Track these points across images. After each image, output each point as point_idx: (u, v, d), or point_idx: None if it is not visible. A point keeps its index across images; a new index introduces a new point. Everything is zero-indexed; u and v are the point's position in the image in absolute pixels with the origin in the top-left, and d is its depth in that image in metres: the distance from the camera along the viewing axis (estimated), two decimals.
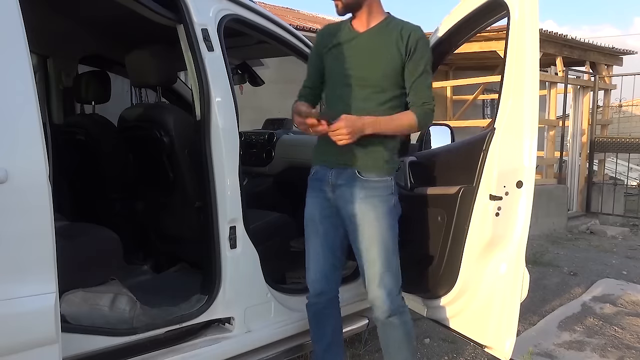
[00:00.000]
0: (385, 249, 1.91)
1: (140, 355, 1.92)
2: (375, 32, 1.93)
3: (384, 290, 1.92)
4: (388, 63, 1.90)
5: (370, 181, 1.92)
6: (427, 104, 1.92)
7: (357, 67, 1.92)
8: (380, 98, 1.91)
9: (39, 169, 1.44)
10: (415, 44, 1.88)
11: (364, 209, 1.91)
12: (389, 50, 1.89)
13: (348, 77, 1.93)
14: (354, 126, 1.80)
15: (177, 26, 2.05)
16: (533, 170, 1.91)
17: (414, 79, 1.91)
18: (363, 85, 1.91)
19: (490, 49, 6.60)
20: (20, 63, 1.44)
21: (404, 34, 1.89)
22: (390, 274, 1.93)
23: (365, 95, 1.91)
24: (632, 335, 3.09)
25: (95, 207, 2.77)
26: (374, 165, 1.93)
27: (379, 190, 1.92)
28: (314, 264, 2.05)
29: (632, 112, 13.08)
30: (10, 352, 1.43)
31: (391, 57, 1.89)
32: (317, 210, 2.03)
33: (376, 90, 1.91)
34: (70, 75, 2.99)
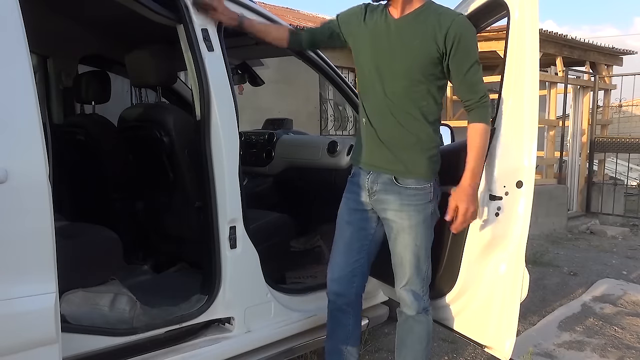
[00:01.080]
0: (416, 256, 1.90)
1: (140, 355, 1.92)
2: (411, 20, 1.81)
3: (409, 293, 1.94)
4: (423, 55, 1.78)
5: (408, 188, 1.87)
6: (483, 98, 1.82)
7: (390, 57, 1.82)
8: (416, 91, 1.82)
9: (39, 169, 1.44)
10: (457, 39, 1.75)
11: (401, 217, 1.88)
12: (424, 42, 1.77)
13: (380, 67, 1.84)
14: (468, 201, 1.81)
15: (177, 26, 2.05)
16: (533, 170, 1.91)
17: (462, 76, 1.81)
18: (397, 77, 1.82)
19: (490, 49, 6.59)
20: (20, 63, 1.44)
21: (443, 25, 1.75)
22: (418, 279, 1.94)
23: (402, 87, 1.82)
24: (632, 335, 3.09)
25: (95, 207, 2.77)
26: (411, 171, 1.87)
27: (416, 198, 1.87)
28: (334, 264, 2.03)
29: (632, 112, 13.08)
30: (10, 352, 1.43)
31: (426, 49, 1.77)
32: (347, 213, 2.00)
33: (411, 83, 1.82)
34: (70, 75, 2.99)
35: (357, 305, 2.08)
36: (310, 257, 3.04)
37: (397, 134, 1.85)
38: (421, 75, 1.80)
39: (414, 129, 1.84)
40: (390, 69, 1.83)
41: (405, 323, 2.02)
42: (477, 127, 1.83)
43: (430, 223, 1.91)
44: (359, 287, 2.05)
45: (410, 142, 1.85)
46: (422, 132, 1.86)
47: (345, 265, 2.01)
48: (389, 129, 1.86)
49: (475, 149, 1.83)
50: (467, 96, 1.83)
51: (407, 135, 1.84)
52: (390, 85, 1.83)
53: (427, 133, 1.86)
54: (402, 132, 1.84)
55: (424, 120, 1.84)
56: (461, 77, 1.81)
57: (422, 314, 1.98)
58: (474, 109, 1.83)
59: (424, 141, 1.86)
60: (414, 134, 1.84)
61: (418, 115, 1.84)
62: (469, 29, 1.80)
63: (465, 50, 1.77)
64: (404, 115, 1.84)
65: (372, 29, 1.87)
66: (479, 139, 1.83)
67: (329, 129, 8.73)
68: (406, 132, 1.84)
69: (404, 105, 1.83)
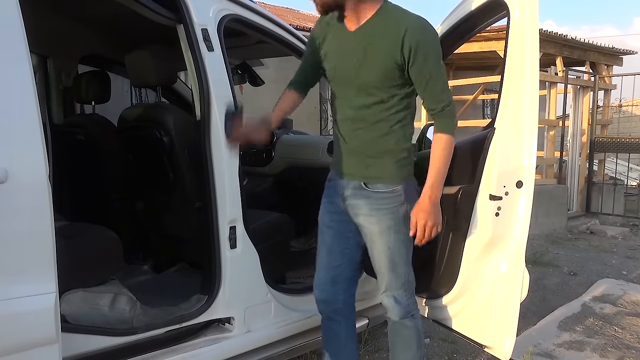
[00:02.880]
0: (391, 260, 1.86)
1: (140, 355, 1.92)
2: (368, 31, 1.74)
3: (390, 298, 1.91)
4: (384, 67, 1.72)
5: (377, 192, 1.83)
6: (446, 107, 1.77)
7: (353, 71, 1.77)
8: (382, 101, 1.78)
9: (39, 169, 1.44)
10: (415, 46, 1.66)
11: (370, 222, 1.86)
12: (383, 52, 1.71)
13: (347, 80, 1.82)
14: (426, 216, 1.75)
15: (177, 26, 2.05)
16: (533, 170, 1.91)
17: (423, 85, 1.75)
18: (363, 89, 1.78)
19: (490, 49, 6.60)
20: (20, 63, 1.44)
21: (399, 34, 1.67)
22: (398, 283, 1.89)
23: (368, 100, 1.78)
24: (632, 335, 3.09)
25: (95, 207, 2.77)
26: (380, 175, 1.83)
27: (385, 202, 1.83)
28: (317, 270, 2.01)
29: (632, 112, 13.08)
30: (10, 352, 1.43)
31: (386, 60, 1.71)
32: (326, 217, 1.98)
33: (375, 94, 1.77)
34: (70, 75, 2.99)
35: (346, 312, 2.02)
36: (310, 257, 3.03)
37: (365, 143, 1.82)
38: (385, 86, 1.76)
39: (382, 138, 1.80)
40: (354, 82, 1.79)
41: (392, 329, 2.00)
42: (439, 138, 1.79)
43: (405, 226, 1.83)
44: (345, 293, 1.99)
45: (379, 150, 1.82)
46: (391, 139, 1.81)
47: (327, 271, 1.98)
48: (358, 139, 1.84)
49: (437, 161, 1.77)
50: (430, 105, 1.79)
51: (375, 144, 1.81)
52: (355, 97, 1.80)
53: (396, 139, 1.81)
54: (369, 142, 1.81)
55: (392, 127, 1.80)
56: (423, 86, 1.75)
57: (407, 318, 1.94)
58: (436, 119, 1.80)
59: (392, 148, 1.82)
60: (382, 142, 1.81)
61: (386, 124, 1.79)
62: (427, 34, 1.72)
63: (424, 58, 1.69)
64: (371, 125, 1.80)
65: (333, 44, 1.84)
66: (440, 150, 1.77)
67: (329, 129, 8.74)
68: (374, 141, 1.81)
69: (371, 116, 1.79)
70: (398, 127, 1.81)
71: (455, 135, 1.81)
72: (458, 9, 2.17)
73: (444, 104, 1.77)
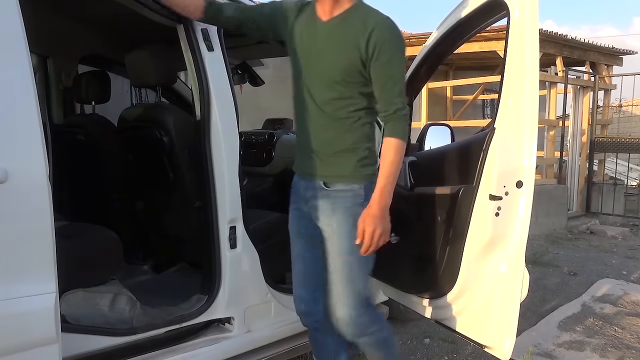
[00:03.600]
0: (348, 265, 1.75)
1: (140, 355, 1.92)
2: (338, 24, 1.71)
3: (346, 311, 1.78)
4: (348, 61, 1.68)
5: (337, 191, 1.77)
6: (400, 111, 1.71)
7: (317, 63, 1.74)
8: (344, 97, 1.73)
9: (39, 169, 1.44)
10: (380, 44, 1.64)
11: (330, 222, 1.77)
12: (349, 47, 1.67)
13: (308, 73, 1.76)
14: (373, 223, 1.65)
15: (177, 26, 2.05)
16: (533, 170, 1.91)
17: (381, 86, 1.70)
18: (326, 82, 1.73)
19: (490, 49, 6.60)
20: (20, 63, 1.44)
21: (366, 31, 1.64)
22: (354, 296, 1.76)
23: (328, 94, 1.73)
24: (632, 335, 3.09)
25: (95, 207, 2.77)
26: (340, 174, 1.76)
27: (344, 200, 1.76)
28: (295, 283, 1.94)
29: (632, 112, 13.08)
30: (10, 352, 1.43)
31: (351, 55, 1.67)
32: (295, 224, 1.91)
33: (338, 90, 1.72)
34: (70, 75, 2.99)
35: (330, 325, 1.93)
36: None
37: (326, 140, 1.77)
38: (348, 82, 1.71)
39: (343, 135, 1.76)
40: (317, 75, 1.75)
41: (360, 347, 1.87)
42: (389, 142, 1.71)
43: None
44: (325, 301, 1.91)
45: (339, 149, 1.76)
46: (352, 137, 1.76)
47: (305, 283, 1.90)
48: (318, 136, 1.78)
49: (387, 166, 1.69)
50: (383, 107, 1.73)
51: (336, 141, 1.76)
52: (318, 92, 1.75)
53: (357, 138, 1.76)
54: (330, 139, 1.76)
55: (352, 125, 1.75)
56: (380, 86, 1.70)
57: (365, 336, 1.81)
58: (388, 122, 1.73)
59: (353, 146, 1.76)
60: (343, 140, 1.76)
61: (347, 121, 1.75)
62: (394, 35, 1.68)
63: (387, 59, 1.66)
64: (332, 122, 1.75)
65: (301, 32, 1.78)
66: (391, 155, 1.70)
67: None
68: (335, 138, 1.76)
69: (333, 112, 1.74)
70: (359, 125, 1.76)
71: (405, 140, 1.74)
72: (458, 9, 2.17)
73: (397, 107, 1.71)
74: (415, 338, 2.97)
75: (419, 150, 2.58)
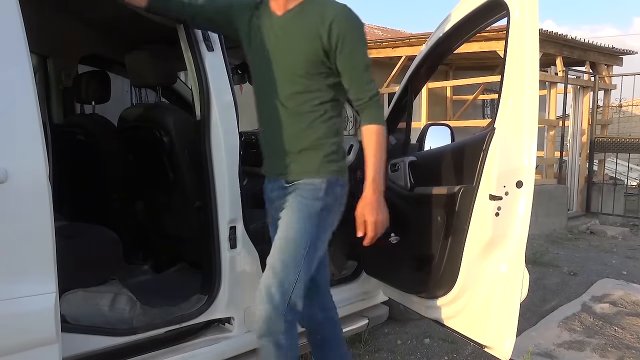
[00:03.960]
0: (279, 257, 1.65)
1: (140, 355, 1.92)
2: (294, 17, 1.67)
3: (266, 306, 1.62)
4: (309, 55, 1.64)
5: (299, 183, 1.71)
6: (374, 97, 1.69)
7: (277, 59, 1.69)
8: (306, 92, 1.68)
9: (39, 169, 1.44)
10: (342, 36, 1.60)
11: (287, 208, 1.70)
12: (308, 40, 1.63)
13: (268, 70, 1.71)
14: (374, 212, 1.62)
15: (177, 26, 2.05)
16: (533, 170, 1.91)
17: (349, 76, 1.67)
18: (289, 76, 1.68)
19: (490, 49, 6.60)
20: (20, 63, 1.44)
21: (326, 21, 1.60)
22: (280, 290, 1.61)
23: (291, 89, 1.68)
24: (632, 335, 3.09)
25: (95, 207, 2.77)
26: (303, 171, 1.71)
27: (300, 192, 1.69)
28: None
29: (632, 112, 13.09)
30: (10, 352, 1.43)
31: (311, 48, 1.63)
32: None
33: (300, 85, 1.67)
34: (70, 75, 2.99)
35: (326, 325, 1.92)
36: None
37: (290, 138, 1.71)
38: (310, 76, 1.67)
39: (306, 131, 1.70)
40: (278, 70, 1.70)
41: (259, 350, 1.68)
42: (370, 129, 1.69)
43: (316, 223, 1.68)
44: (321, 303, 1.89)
45: (304, 145, 1.70)
46: (316, 132, 1.70)
47: None
48: (282, 134, 1.72)
49: (373, 154, 1.66)
50: (357, 96, 1.70)
51: (301, 138, 1.70)
52: (280, 87, 1.70)
53: (322, 133, 1.70)
54: (295, 136, 1.70)
55: (317, 120, 1.70)
56: (349, 77, 1.67)
57: (267, 337, 1.63)
58: (365, 109, 1.70)
59: (318, 142, 1.70)
60: (307, 136, 1.70)
61: (311, 116, 1.69)
62: (354, 23, 1.64)
63: (351, 48, 1.63)
64: (296, 117, 1.70)
65: (258, 28, 1.74)
66: (374, 142, 1.67)
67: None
68: (299, 135, 1.70)
69: (296, 107, 1.69)
70: (324, 119, 1.70)
71: (384, 125, 1.72)
72: (458, 9, 2.17)
73: (371, 94, 1.69)
74: (415, 338, 2.97)
75: (419, 150, 2.58)
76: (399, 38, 8.22)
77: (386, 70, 8.43)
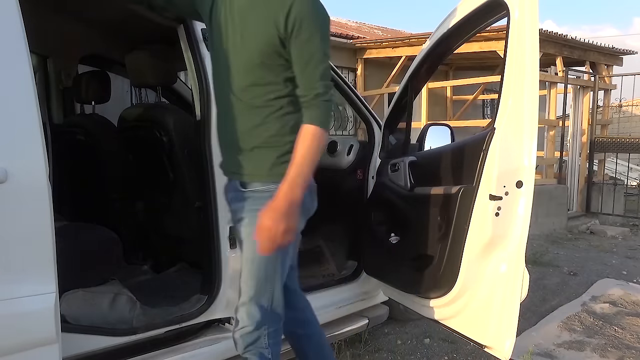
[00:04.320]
0: (255, 274, 1.58)
1: (140, 355, 1.92)
2: (252, 2, 1.55)
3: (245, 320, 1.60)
4: (265, 43, 1.51)
5: (254, 191, 1.59)
6: (320, 96, 1.51)
7: (233, 48, 1.57)
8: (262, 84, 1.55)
9: (39, 169, 1.44)
10: (299, 20, 1.46)
11: (242, 224, 1.61)
12: (266, 26, 1.50)
13: (225, 60, 1.59)
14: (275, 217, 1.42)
15: (177, 26, 2.05)
16: (533, 170, 1.91)
17: (301, 67, 1.51)
18: (244, 66, 1.56)
19: (490, 49, 6.61)
20: (20, 63, 1.44)
21: (285, 5, 1.47)
22: (257, 304, 1.58)
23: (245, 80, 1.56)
24: (632, 335, 3.09)
25: (95, 207, 2.77)
26: (256, 172, 1.57)
27: (258, 202, 1.55)
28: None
29: (632, 112, 13.09)
30: (10, 352, 1.43)
31: (268, 35, 1.50)
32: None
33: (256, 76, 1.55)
34: (70, 75, 2.99)
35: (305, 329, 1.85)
36: (310, 257, 3.04)
37: (244, 133, 1.58)
38: (268, 64, 1.53)
39: (260, 127, 1.56)
40: (235, 58, 1.57)
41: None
42: (305, 129, 1.51)
43: None
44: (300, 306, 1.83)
45: (257, 142, 1.57)
46: (272, 129, 1.56)
47: None
48: (237, 129, 1.60)
49: (300, 155, 1.49)
50: (303, 91, 1.53)
51: (254, 134, 1.57)
52: (237, 77, 1.57)
53: (277, 130, 1.56)
54: (248, 131, 1.57)
55: (273, 115, 1.55)
56: (300, 68, 1.51)
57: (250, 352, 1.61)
58: (306, 108, 1.53)
59: (274, 140, 1.57)
60: (262, 132, 1.57)
61: (266, 111, 1.56)
62: (317, 10, 1.51)
63: (308, 36, 1.48)
64: (250, 111, 1.57)
65: (217, 14, 1.62)
66: (306, 144, 1.49)
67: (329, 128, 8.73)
68: (252, 130, 1.56)
69: (250, 100, 1.57)
70: (280, 115, 1.56)
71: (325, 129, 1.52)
72: (458, 9, 2.17)
73: (317, 92, 1.51)
74: (415, 338, 2.97)
75: (419, 150, 2.58)
76: (399, 38, 8.22)
77: (386, 70, 8.43)
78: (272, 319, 1.63)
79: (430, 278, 2.18)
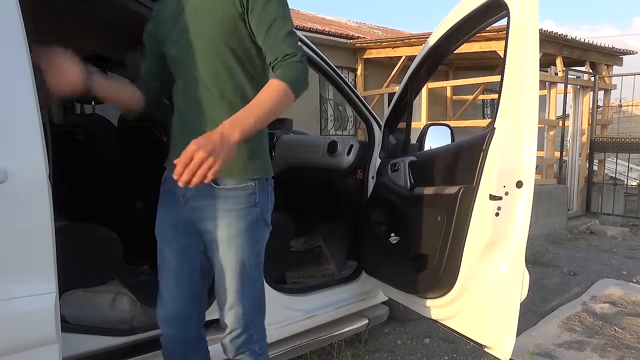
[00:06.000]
0: (238, 275, 1.53)
1: (140, 355, 1.92)
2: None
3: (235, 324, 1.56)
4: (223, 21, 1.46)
5: (227, 189, 1.50)
6: (290, 56, 1.41)
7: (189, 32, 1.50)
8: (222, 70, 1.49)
9: (39, 169, 1.44)
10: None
11: (217, 225, 1.51)
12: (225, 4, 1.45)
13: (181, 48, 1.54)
14: (208, 141, 1.24)
15: None
16: (533, 170, 1.91)
17: (264, 33, 1.43)
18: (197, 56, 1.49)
19: (490, 49, 6.61)
20: (20, 63, 1.44)
21: None
22: (244, 306, 1.55)
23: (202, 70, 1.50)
24: (632, 335, 3.09)
25: (95, 207, 2.77)
26: (229, 168, 1.36)
27: (236, 201, 1.49)
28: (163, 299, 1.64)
29: (632, 112, 13.10)
30: (10, 352, 1.43)
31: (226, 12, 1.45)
32: (166, 231, 1.63)
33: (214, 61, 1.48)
34: None
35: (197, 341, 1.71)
36: (310, 257, 3.04)
37: (206, 125, 1.45)
38: (225, 48, 1.47)
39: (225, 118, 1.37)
40: (190, 47, 1.50)
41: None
42: (271, 82, 1.40)
43: (257, 233, 1.54)
44: (199, 318, 1.71)
45: None
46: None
47: (176, 300, 1.63)
48: (198, 120, 1.51)
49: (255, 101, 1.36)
50: (270, 57, 1.44)
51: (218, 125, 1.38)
52: (192, 67, 1.51)
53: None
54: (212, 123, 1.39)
55: (237, 105, 1.43)
56: (262, 35, 1.44)
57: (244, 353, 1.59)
58: (277, 69, 1.43)
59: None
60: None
61: (229, 100, 1.48)
62: None
63: (263, 3, 1.43)
64: (212, 101, 1.50)
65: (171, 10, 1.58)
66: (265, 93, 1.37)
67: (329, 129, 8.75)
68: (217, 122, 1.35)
69: (211, 90, 1.49)
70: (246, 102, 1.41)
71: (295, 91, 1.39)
72: (458, 9, 2.17)
73: (286, 53, 1.42)
74: (415, 338, 2.97)
75: (419, 150, 2.58)
76: (399, 38, 8.23)
77: (386, 70, 8.44)
78: (258, 317, 1.61)
79: (430, 278, 2.18)
